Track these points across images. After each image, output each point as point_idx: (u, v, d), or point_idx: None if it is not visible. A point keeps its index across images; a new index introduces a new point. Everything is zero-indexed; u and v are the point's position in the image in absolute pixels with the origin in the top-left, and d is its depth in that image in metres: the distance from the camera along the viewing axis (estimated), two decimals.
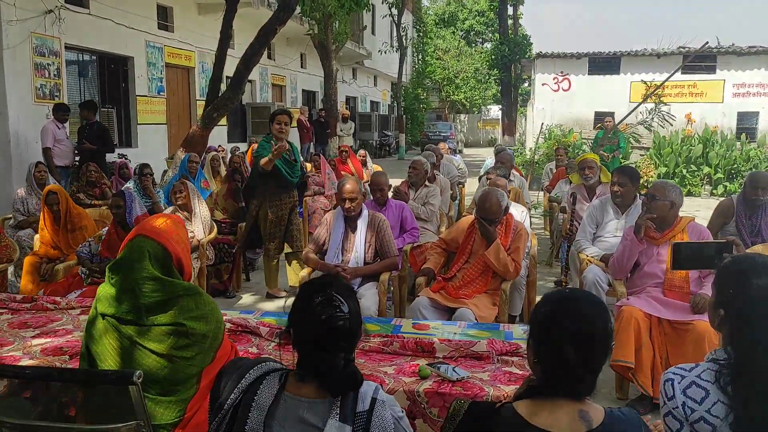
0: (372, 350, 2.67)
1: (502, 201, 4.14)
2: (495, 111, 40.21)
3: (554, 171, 9.24)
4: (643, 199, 3.96)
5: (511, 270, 4.05)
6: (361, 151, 11.17)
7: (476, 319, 3.69)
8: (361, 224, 4.51)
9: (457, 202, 8.75)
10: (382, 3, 18.88)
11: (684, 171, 14.41)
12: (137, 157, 9.83)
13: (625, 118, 9.93)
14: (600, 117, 14.31)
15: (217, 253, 5.99)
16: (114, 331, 2.12)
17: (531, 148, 13.79)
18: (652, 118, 10.09)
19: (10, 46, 8.62)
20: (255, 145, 10.99)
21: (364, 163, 10.69)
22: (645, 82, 11.21)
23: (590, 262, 4.79)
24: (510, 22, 22.90)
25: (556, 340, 1.50)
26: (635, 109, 9.75)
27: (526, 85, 30.93)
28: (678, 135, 14.95)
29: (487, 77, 35.89)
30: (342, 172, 9.00)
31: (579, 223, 5.76)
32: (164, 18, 12.37)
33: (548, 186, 8.86)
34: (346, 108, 21.46)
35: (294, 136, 17.63)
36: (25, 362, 2.50)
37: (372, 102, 29.03)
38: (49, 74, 9.43)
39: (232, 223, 6.61)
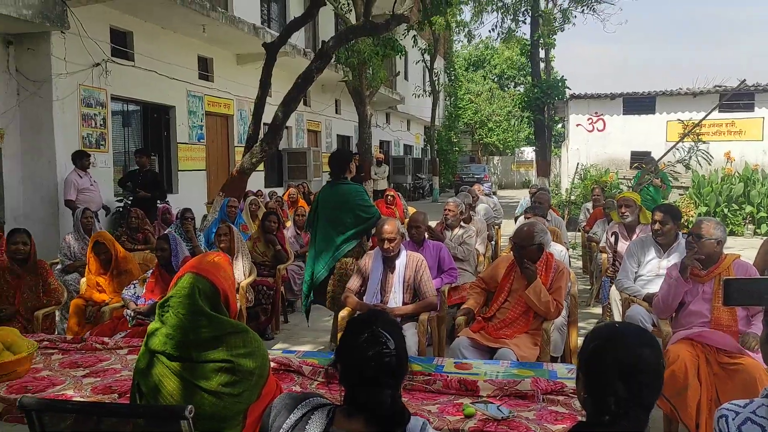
0: (415, 389, 2.66)
1: (537, 231, 4.13)
2: (528, 153, 40.23)
3: (591, 211, 9.17)
4: (689, 238, 3.91)
5: (552, 310, 4.01)
6: (390, 191, 11.28)
7: (518, 359, 3.65)
8: (400, 265, 4.53)
9: (493, 243, 8.73)
10: (413, 47, 19.24)
11: (725, 210, 14.14)
12: (177, 202, 10.08)
13: (663, 156, 9.83)
14: (637, 157, 14.21)
15: (255, 295, 6.06)
16: (163, 368, 2.17)
17: (567, 189, 13.71)
18: (691, 157, 9.98)
19: (59, 97, 9.01)
20: (292, 189, 11.26)
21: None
22: (682, 121, 11.13)
23: (633, 301, 4.72)
24: (542, 65, 23.06)
25: (606, 374, 1.49)
26: (673, 147, 9.67)
27: (559, 126, 30.99)
28: (717, 174, 14.72)
29: (520, 119, 36.04)
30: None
31: (620, 263, 5.72)
32: (205, 68, 12.81)
33: (586, 226, 8.79)
34: (380, 152, 21.72)
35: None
36: (77, 400, 2.56)
37: (405, 145, 29.34)
38: (96, 124, 9.80)
39: (272, 266, 6.69)
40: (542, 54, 22.73)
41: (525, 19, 19.94)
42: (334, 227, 5.31)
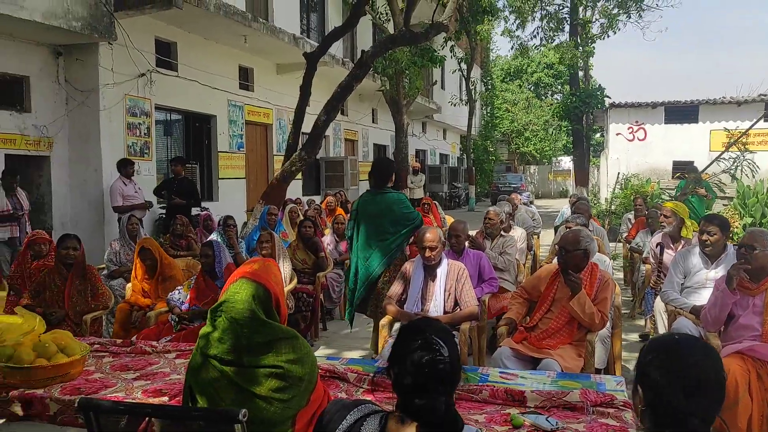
0: (461, 398, 2.65)
1: (583, 237, 4.08)
2: (566, 162, 39.79)
3: (633, 221, 9.02)
4: (741, 249, 3.82)
5: (597, 321, 3.95)
6: (427, 199, 11.24)
7: (562, 370, 3.60)
8: (441, 273, 4.53)
9: (531, 252, 8.64)
10: (451, 57, 19.23)
11: None
12: (218, 210, 10.25)
13: (708, 166, 9.62)
14: (679, 167, 13.93)
15: (295, 302, 6.11)
16: (215, 371, 2.20)
17: (607, 198, 13.51)
18: (737, 167, 9.74)
19: (106, 107, 9.26)
20: (330, 197, 11.32)
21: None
22: (728, 130, 10.87)
23: (679, 313, 4.62)
24: (581, 73, 22.82)
25: (667, 387, 1.47)
26: (718, 157, 9.45)
27: (597, 135, 30.57)
28: (763, 184, 14.33)
29: (558, 129, 35.70)
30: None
31: (665, 274, 5.61)
32: (245, 78, 13.02)
33: (627, 236, 8.65)
34: (417, 161, 21.72)
35: (365, 188, 17.93)
36: (133, 401, 2.61)
37: (441, 155, 29.29)
38: (140, 133, 10.03)
39: (311, 273, 6.73)
40: (581, 62, 22.48)
41: (563, 26, 19.75)
42: (376, 235, 5.34)
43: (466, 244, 5.58)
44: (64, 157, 9.24)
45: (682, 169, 13.55)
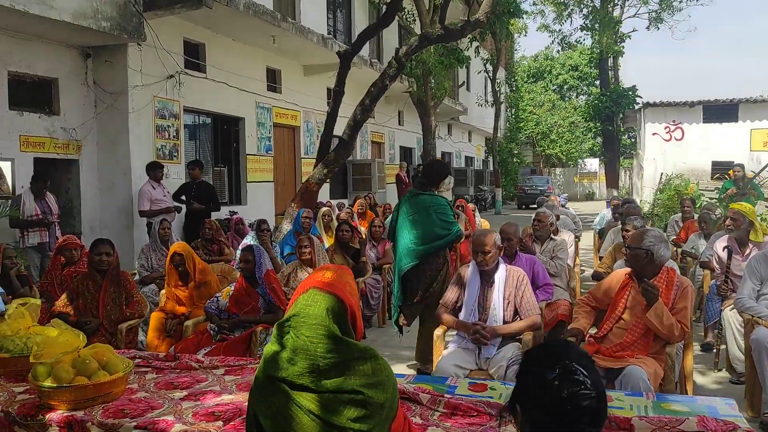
0: None
1: (649, 236, 3.73)
2: (592, 164, 39.18)
3: (681, 224, 8.62)
4: None
5: (677, 333, 3.61)
6: (461, 201, 10.91)
7: (648, 379, 3.28)
8: (499, 279, 4.20)
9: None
10: (476, 57, 18.90)
11: None
12: (246, 213, 10.01)
13: (764, 168, 9.17)
14: (719, 167, 13.46)
15: None
16: (285, 397, 1.90)
17: (647, 201, 13.07)
18: None
19: (135, 109, 9.07)
20: (361, 200, 11.04)
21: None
22: None
23: (757, 322, 4.25)
24: (610, 73, 22.33)
25: None
26: None
27: (625, 137, 29.96)
28: None
29: (585, 131, 35.13)
30: None
31: (732, 280, 5.24)
32: (273, 80, 12.79)
33: (676, 239, 8.24)
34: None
35: (392, 191, 17.67)
36: (179, 428, 2.33)
37: (467, 157, 28.93)
38: (169, 135, 9.83)
39: None
40: (611, 63, 22.01)
41: (595, 24, 19.30)
42: (413, 237, 5.12)
43: (517, 248, 5.25)
44: (93, 161, 9.06)
45: (722, 170, 13.10)
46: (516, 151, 32.93)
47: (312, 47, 12.10)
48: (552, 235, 6.15)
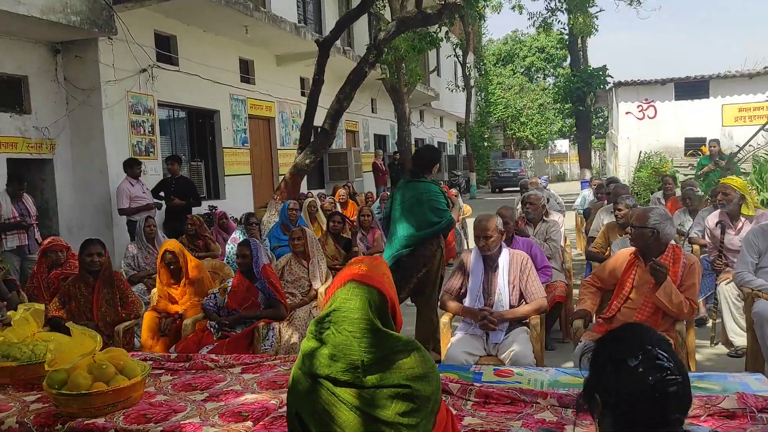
0: None
1: (653, 214, 3.73)
2: (562, 145, 39.55)
3: (663, 201, 8.71)
4: None
5: (686, 311, 3.63)
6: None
7: None
8: (503, 264, 4.17)
9: None
10: (446, 41, 18.85)
11: None
12: (225, 207, 9.83)
13: (749, 141, 9.31)
14: (692, 144, 13.66)
15: None
16: (329, 395, 1.85)
17: (624, 179, 13.20)
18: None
19: (108, 105, 8.83)
20: (341, 190, 10.95)
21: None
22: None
23: (758, 296, 4.31)
24: (579, 54, 22.47)
25: None
26: (759, 131, 9.15)
27: (594, 117, 30.26)
28: None
29: (555, 112, 35.39)
30: None
31: (726, 255, 5.30)
32: (246, 71, 12.58)
33: None
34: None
35: (369, 179, 17.59)
36: (209, 431, 2.26)
37: (439, 143, 28.91)
38: (144, 131, 9.60)
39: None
40: (579, 44, 22.14)
41: (563, 6, 19.26)
42: (407, 224, 5.06)
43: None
44: (68, 160, 8.81)
45: (695, 146, 13.29)
46: (487, 135, 33.02)
47: (285, 36, 11.93)
48: (544, 217, 6.15)
